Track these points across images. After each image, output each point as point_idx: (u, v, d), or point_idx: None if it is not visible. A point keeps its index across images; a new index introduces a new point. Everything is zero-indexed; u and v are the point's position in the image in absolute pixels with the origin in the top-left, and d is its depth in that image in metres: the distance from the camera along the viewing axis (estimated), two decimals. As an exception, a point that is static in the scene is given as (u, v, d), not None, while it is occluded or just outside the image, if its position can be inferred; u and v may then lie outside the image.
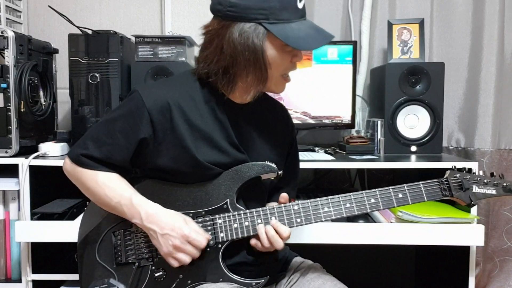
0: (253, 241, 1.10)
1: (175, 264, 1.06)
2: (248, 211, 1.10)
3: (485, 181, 1.15)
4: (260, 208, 1.10)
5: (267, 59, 1.06)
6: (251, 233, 1.09)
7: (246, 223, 1.09)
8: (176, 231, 1.04)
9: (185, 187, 1.12)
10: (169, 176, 1.13)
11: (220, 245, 1.09)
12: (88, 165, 1.11)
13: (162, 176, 1.13)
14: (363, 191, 1.12)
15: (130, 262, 1.12)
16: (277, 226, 1.07)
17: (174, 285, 1.09)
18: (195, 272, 1.09)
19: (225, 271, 1.09)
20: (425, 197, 1.12)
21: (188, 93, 1.12)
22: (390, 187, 1.12)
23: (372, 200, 1.11)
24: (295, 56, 1.09)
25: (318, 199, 1.10)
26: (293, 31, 1.03)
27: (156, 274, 1.10)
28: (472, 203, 1.14)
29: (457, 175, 1.16)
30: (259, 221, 1.09)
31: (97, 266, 1.14)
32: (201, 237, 1.05)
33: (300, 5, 1.06)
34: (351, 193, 1.11)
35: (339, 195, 1.11)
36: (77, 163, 1.12)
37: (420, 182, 1.13)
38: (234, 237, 1.09)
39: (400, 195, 1.12)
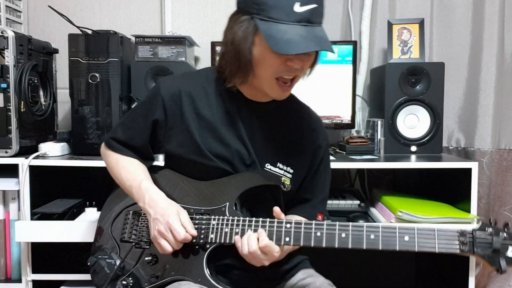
0: (237, 238, 1.06)
1: (158, 249, 1.09)
2: (241, 218, 1.08)
3: None
4: (254, 218, 1.08)
5: (254, 55, 1.05)
6: None
7: (237, 230, 1.07)
8: (163, 218, 1.07)
9: (195, 183, 1.17)
10: (181, 164, 1.18)
11: (208, 246, 1.09)
12: (114, 147, 1.23)
13: (178, 166, 1.19)
14: (365, 224, 1.00)
15: (131, 241, 1.18)
16: (260, 234, 1.04)
17: (159, 272, 1.12)
18: (180, 265, 1.10)
19: (205, 272, 1.08)
20: (436, 248, 0.95)
21: (202, 84, 1.18)
22: (397, 225, 0.98)
23: (372, 236, 0.98)
24: (289, 60, 1.04)
25: (314, 222, 1.04)
26: (279, 33, 0.99)
27: (147, 258, 1.14)
28: (501, 269, 0.91)
29: (490, 229, 0.94)
30: (249, 231, 1.06)
31: (108, 238, 1.22)
32: (181, 230, 1.06)
33: (298, 9, 1.00)
34: (350, 223, 1.01)
35: (337, 222, 1.02)
36: (106, 145, 1.25)
37: (435, 228, 0.96)
38: (222, 241, 1.08)
39: (406, 238, 0.96)
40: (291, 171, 1.19)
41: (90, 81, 1.69)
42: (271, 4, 1.00)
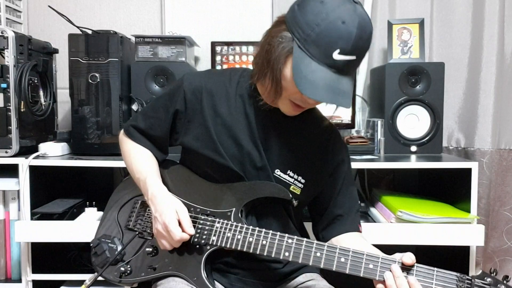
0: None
1: (159, 245, 1.12)
2: (245, 226, 1.08)
3: None
4: (257, 228, 1.07)
5: (281, 73, 1.03)
6: (239, 248, 1.07)
7: (239, 237, 1.07)
8: (161, 217, 1.08)
9: (206, 184, 1.19)
10: (192, 159, 1.21)
11: (208, 247, 1.10)
12: (132, 135, 1.26)
13: (192, 161, 1.22)
14: (365, 252, 0.99)
15: (135, 229, 1.21)
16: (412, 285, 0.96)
17: (158, 265, 1.14)
18: (179, 261, 1.12)
19: (202, 272, 1.08)
20: (433, 286, 0.95)
21: (224, 84, 1.19)
22: (397, 259, 0.98)
23: (371, 266, 0.98)
24: (302, 96, 1.03)
25: (315, 241, 1.03)
26: (307, 69, 0.97)
27: (148, 249, 1.16)
28: None
29: (489, 279, 0.94)
30: (250, 239, 1.06)
31: (113, 223, 1.25)
32: (177, 231, 1.06)
33: (336, 56, 0.96)
34: (350, 249, 1.00)
35: (338, 247, 1.01)
36: (125, 133, 1.28)
37: (435, 269, 0.96)
38: (223, 245, 1.08)
39: (404, 274, 0.97)
40: (303, 181, 1.16)
41: (90, 81, 1.69)
42: (314, 39, 0.97)
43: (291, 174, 1.16)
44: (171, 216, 1.08)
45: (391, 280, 0.96)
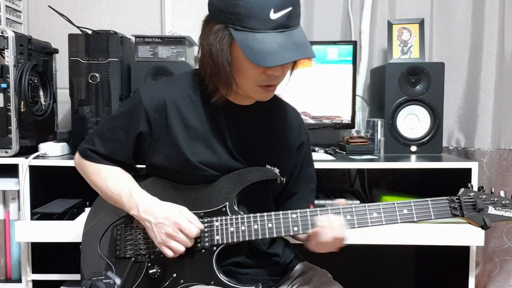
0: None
1: (169, 253, 1.05)
2: (245, 215, 1.08)
3: (504, 202, 1.08)
4: (258, 214, 1.08)
5: (233, 66, 1.02)
6: (247, 238, 1.07)
7: (243, 228, 1.07)
8: (168, 219, 1.05)
9: (187, 187, 1.13)
10: (166, 174, 1.14)
11: (215, 248, 1.08)
12: (92, 158, 1.17)
13: (162, 175, 1.15)
14: (366, 204, 1.08)
15: (127, 256, 1.13)
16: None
17: (167, 283, 1.09)
18: (188, 272, 1.09)
19: (217, 274, 1.07)
20: (432, 215, 1.07)
21: (187, 92, 1.13)
22: (395, 201, 1.08)
23: (375, 214, 1.07)
24: (269, 69, 1.01)
25: (318, 209, 1.07)
26: (256, 43, 0.96)
27: (151, 271, 1.10)
28: (486, 225, 1.06)
29: (471, 193, 1.09)
30: (255, 226, 1.07)
31: (97, 258, 1.16)
32: (192, 226, 1.05)
33: (273, 16, 0.96)
34: (352, 205, 1.08)
35: (340, 206, 1.07)
36: (83, 157, 1.18)
37: (428, 199, 1.08)
38: (230, 241, 1.08)
39: (405, 211, 1.07)
40: (277, 170, 1.17)
41: (90, 81, 1.69)
42: (246, 13, 0.96)
43: (269, 167, 1.17)
44: (179, 215, 1.06)
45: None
